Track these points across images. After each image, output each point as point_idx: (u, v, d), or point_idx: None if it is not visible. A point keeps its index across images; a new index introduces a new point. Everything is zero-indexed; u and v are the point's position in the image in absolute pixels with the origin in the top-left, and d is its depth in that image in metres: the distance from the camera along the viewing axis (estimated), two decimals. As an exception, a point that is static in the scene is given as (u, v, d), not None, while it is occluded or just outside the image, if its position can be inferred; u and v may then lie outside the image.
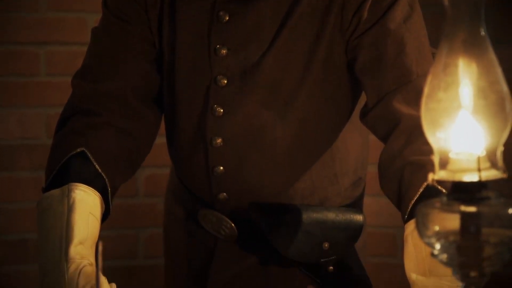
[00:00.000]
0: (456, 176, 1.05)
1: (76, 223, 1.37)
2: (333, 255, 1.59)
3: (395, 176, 1.45)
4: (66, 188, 1.41)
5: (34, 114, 2.93)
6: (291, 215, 1.57)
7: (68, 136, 1.51)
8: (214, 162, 1.57)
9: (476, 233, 1.04)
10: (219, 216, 1.60)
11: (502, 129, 1.04)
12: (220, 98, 1.54)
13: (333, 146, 1.60)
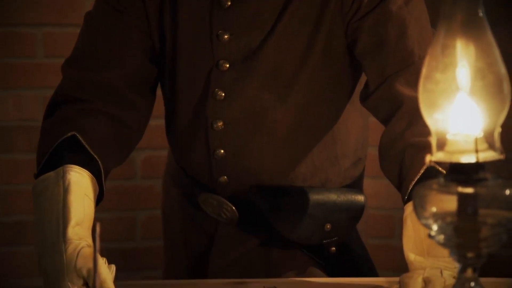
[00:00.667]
0: (453, 158, 1.05)
1: (72, 205, 1.37)
2: (335, 236, 1.59)
3: (396, 157, 1.46)
4: (61, 170, 1.41)
5: (31, 96, 2.92)
6: (293, 197, 1.58)
7: (59, 122, 1.51)
8: (215, 146, 1.58)
9: (473, 214, 1.04)
10: (220, 199, 1.61)
11: (500, 110, 1.04)
12: (221, 82, 1.54)
13: (334, 128, 1.60)
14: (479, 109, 1.04)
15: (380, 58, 1.50)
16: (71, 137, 1.47)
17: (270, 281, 1.45)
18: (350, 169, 1.64)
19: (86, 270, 1.29)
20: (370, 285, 1.40)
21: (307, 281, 1.49)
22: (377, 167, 1.54)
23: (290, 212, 1.57)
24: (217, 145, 1.57)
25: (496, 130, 1.05)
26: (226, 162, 1.58)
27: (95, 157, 1.46)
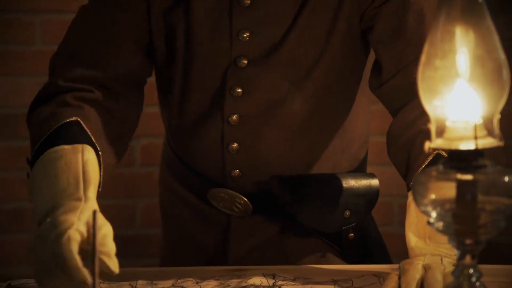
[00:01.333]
0: (452, 144, 1.05)
1: (91, 176, 1.33)
2: (354, 222, 1.60)
3: (406, 144, 1.46)
4: (80, 146, 1.37)
5: (30, 82, 2.92)
6: (316, 186, 1.58)
7: (58, 109, 1.46)
8: (229, 139, 1.57)
9: (472, 201, 1.04)
10: (231, 193, 1.60)
11: (499, 97, 1.04)
12: (239, 78, 1.54)
13: (346, 116, 1.60)
14: (478, 96, 1.04)
15: (397, 46, 1.50)
16: (74, 121, 1.43)
17: (269, 268, 1.45)
18: (357, 152, 1.65)
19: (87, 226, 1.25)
20: (370, 271, 1.41)
21: (306, 267, 1.49)
22: (375, 154, 1.54)
23: (313, 201, 1.57)
24: (231, 138, 1.57)
25: (495, 116, 1.05)
26: (240, 155, 1.57)
27: (97, 145, 1.43)
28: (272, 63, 1.53)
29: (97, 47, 1.53)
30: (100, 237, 1.21)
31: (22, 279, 1.39)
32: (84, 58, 1.52)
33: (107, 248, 1.22)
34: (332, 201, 1.58)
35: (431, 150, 1.07)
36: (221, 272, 1.43)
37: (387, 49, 1.52)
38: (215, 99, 1.56)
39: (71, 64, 1.52)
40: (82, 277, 1.20)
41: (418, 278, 1.26)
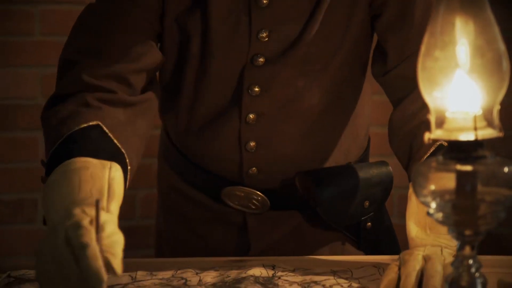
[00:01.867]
0: (452, 135, 1.05)
1: (116, 192, 1.26)
2: (372, 212, 1.61)
3: (408, 135, 1.46)
4: (108, 163, 1.30)
5: (29, 73, 2.92)
6: (341, 179, 1.57)
7: (79, 109, 1.41)
8: (246, 138, 1.56)
9: (472, 192, 1.04)
10: (247, 190, 1.60)
11: (499, 88, 1.04)
12: (256, 77, 1.53)
13: (357, 104, 1.61)
14: (478, 87, 1.04)
15: (403, 35, 1.50)
16: (95, 125, 1.39)
17: (269, 258, 1.45)
18: (363, 140, 1.66)
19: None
20: (370, 262, 1.41)
21: (305, 258, 1.49)
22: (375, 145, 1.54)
23: (339, 194, 1.57)
24: (249, 137, 1.56)
25: (495, 107, 1.05)
26: (258, 153, 1.57)
27: (123, 150, 1.39)
28: (289, 60, 1.52)
29: (115, 42, 1.48)
30: (109, 241, 1.16)
31: (22, 270, 1.39)
32: (97, 54, 1.47)
33: (113, 250, 1.15)
34: (353, 192, 1.57)
35: (431, 141, 1.07)
36: (221, 263, 1.43)
37: (393, 38, 1.52)
38: (232, 99, 1.55)
39: (91, 60, 1.47)
40: (99, 268, 1.11)
41: (418, 269, 1.26)
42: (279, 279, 1.34)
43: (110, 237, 1.16)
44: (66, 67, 1.49)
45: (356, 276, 1.35)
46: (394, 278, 1.28)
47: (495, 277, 1.24)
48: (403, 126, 1.49)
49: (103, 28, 1.49)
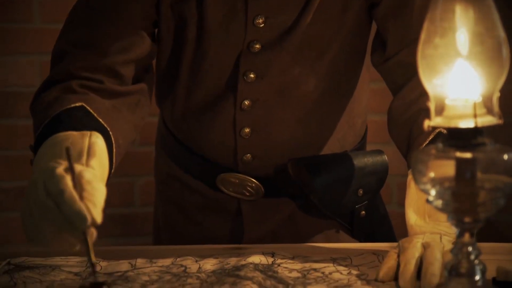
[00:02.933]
0: (452, 123, 1.05)
1: (97, 154, 1.28)
2: (366, 200, 1.61)
3: (408, 122, 1.46)
4: (88, 133, 1.33)
5: (28, 61, 2.92)
6: (335, 167, 1.58)
7: (63, 94, 1.44)
8: (241, 124, 1.57)
9: (471, 179, 1.04)
10: (242, 177, 1.60)
11: (499, 75, 1.04)
12: (253, 64, 1.53)
13: (354, 91, 1.61)
14: (477, 74, 1.04)
15: (403, 22, 1.50)
16: (79, 106, 1.41)
17: (268, 246, 1.45)
18: (360, 128, 1.66)
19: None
20: (369, 249, 1.41)
21: (305, 246, 1.49)
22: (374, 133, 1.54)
23: (332, 182, 1.57)
24: (244, 123, 1.56)
25: (495, 94, 1.05)
26: (252, 139, 1.57)
27: (106, 127, 1.40)
28: (286, 46, 1.52)
29: (107, 33, 1.49)
30: (89, 188, 1.18)
31: (21, 257, 1.40)
32: (90, 46, 1.49)
33: (94, 198, 1.18)
34: (347, 181, 1.58)
35: (431, 129, 1.07)
36: (220, 250, 1.44)
37: (392, 25, 1.52)
38: (228, 85, 1.55)
39: (81, 52, 1.49)
40: (79, 209, 1.15)
41: (417, 256, 1.27)
42: (278, 267, 1.34)
43: (90, 183, 1.19)
44: (57, 58, 1.51)
45: (356, 263, 1.36)
46: (393, 266, 1.28)
47: (494, 264, 1.24)
48: (403, 113, 1.49)
49: (94, 19, 1.50)
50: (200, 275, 1.32)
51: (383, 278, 1.27)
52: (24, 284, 1.29)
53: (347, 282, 1.27)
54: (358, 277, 1.29)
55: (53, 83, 1.47)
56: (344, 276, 1.30)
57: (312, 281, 1.28)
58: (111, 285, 1.25)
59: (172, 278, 1.30)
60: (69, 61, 1.48)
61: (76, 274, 1.34)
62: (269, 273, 1.31)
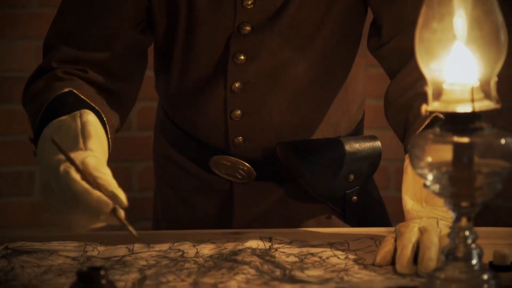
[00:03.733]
0: (449, 107, 1.05)
1: (92, 132, 1.32)
2: (358, 185, 1.61)
3: (404, 106, 1.46)
4: (77, 113, 1.36)
5: (25, 46, 2.91)
6: (323, 152, 1.58)
7: (50, 83, 1.46)
8: (232, 106, 1.57)
9: (469, 164, 1.04)
10: (234, 160, 1.60)
11: (496, 59, 1.04)
12: (242, 45, 1.53)
13: (347, 77, 1.60)
14: (475, 58, 1.04)
15: (397, 7, 1.50)
16: (68, 91, 1.43)
17: (265, 231, 1.46)
18: (356, 114, 1.65)
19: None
20: (366, 234, 1.41)
21: (302, 231, 1.50)
22: (371, 118, 1.54)
23: (318, 166, 1.57)
24: (234, 106, 1.56)
25: (493, 79, 1.05)
26: (243, 122, 1.57)
27: (97, 108, 1.41)
28: (275, 29, 1.52)
29: (92, 27, 1.51)
30: (99, 174, 1.23)
31: (19, 242, 1.40)
32: (78, 40, 1.51)
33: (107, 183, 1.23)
34: (337, 165, 1.58)
35: (428, 113, 1.07)
36: (218, 235, 1.44)
37: (387, 10, 1.51)
38: (218, 67, 1.56)
39: (65, 47, 1.51)
40: (97, 198, 1.20)
41: (414, 241, 1.27)
42: (276, 251, 1.35)
43: (97, 169, 1.23)
44: (44, 50, 1.54)
45: (353, 248, 1.36)
46: (390, 250, 1.29)
47: (491, 249, 1.25)
48: (399, 97, 1.49)
49: (81, 9, 1.52)
50: (197, 259, 1.32)
51: (380, 262, 1.28)
52: (21, 268, 1.30)
53: (344, 266, 1.28)
54: (355, 262, 1.30)
55: (39, 75, 1.49)
56: (341, 261, 1.30)
57: (309, 266, 1.28)
58: (109, 269, 1.25)
59: (169, 263, 1.31)
60: (53, 54, 1.51)
61: (73, 259, 1.34)
62: (267, 257, 1.31)
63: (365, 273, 1.24)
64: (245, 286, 1.19)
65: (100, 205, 1.21)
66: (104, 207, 1.21)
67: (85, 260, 1.34)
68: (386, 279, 1.21)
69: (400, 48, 1.50)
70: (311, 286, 1.18)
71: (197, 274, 1.25)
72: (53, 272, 1.28)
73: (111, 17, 1.51)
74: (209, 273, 1.25)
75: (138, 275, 1.26)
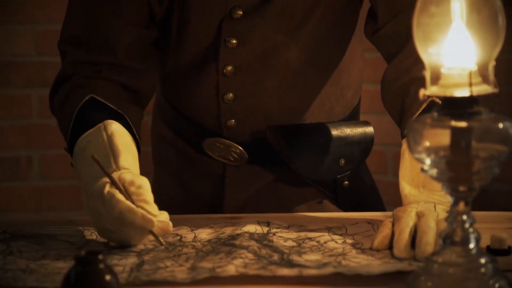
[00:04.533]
0: (447, 91, 1.05)
1: (119, 145, 1.38)
2: (349, 170, 1.61)
3: (401, 91, 1.46)
4: (101, 125, 1.42)
5: (23, 30, 2.90)
6: (312, 135, 1.59)
7: (70, 92, 1.51)
8: (224, 90, 1.57)
9: (466, 148, 1.04)
10: (227, 142, 1.61)
11: (495, 43, 1.04)
12: (234, 30, 1.53)
13: (340, 63, 1.60)
14: (473, 42, 1.04)
15: None
16: (90, 99, 1.48)
17: (263, 216, 1.46)
18: (351, 99, 1.65)
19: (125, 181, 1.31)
20: (364, 218, 1.41)
21: (300, 215, 1.50)
22: (368, 102, 1.54)
23: (308, 150, 1.58)
24: (227, 89, 1.57)
25: (491, 63, 1.05)
26: (235, 105, 1.58)
27: (119, 111, 1.46)
28: (267, 13, 1.52)
29: (97, 30, 1.53)
30: (134, 189, 1.29)
31: (17, 226, 1.40)
32: (87, 44, 1.54)
33: (143, 196, 1.29)
34: (327, 150, 1.58)
35: (426, 97, 1.07)
36: (215, 220, 1.44)
37: None
38: (210, 51, 1.56)
39: (77, 50, 1.55)
40: (142, 216, 1.28)
41: (411, 225, 1.27)
42: (273, 236, 1.35)
43: (132, 183, 1.30)
44: (61, 56, 1.59)
45: (351, 232, 1.36)
46: (388, 234, 1.29)
47: (488, 233, 1.25)
48: (396, 81, 1.49)
49: (85, 16, 1.54)
50: (195, 244, 1.32)
51: (378, 247, 1.28)
52: (20, 253, 1.30)
53: (342, 251, 1.28)
54: (353, 246, 1.30)
55: (60, 83, 1.55)
56: (339, 245, 1.30)
57: (307, 250, 1.28)
58: (107, 254, 1.25)
59: (167, 247, 1.31)
60: (67, 60, 1.56)
61: (71, 243, 1.34)
62: (264, 242, 1.32)
63: (362, 258, 1.24)
64: (243, 270, 1.19)
65: (145, 222, 1.28)
66: (149, 224, 1.29)
67: (83, 244, 1.34)
68: (384, 264, 1.22)
69: (396, 32, 1.50)
70: (309, 270, 1.19)
71: (195, 258, 1.25)
72: (51, 257, 1.28)
73: (115, 19, 1.54)
74: (207, 257, 1.25)
75: (136, 259, 1.26)
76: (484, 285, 1.07)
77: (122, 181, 1.31)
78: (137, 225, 1.28)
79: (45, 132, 2.90)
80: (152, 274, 1.19)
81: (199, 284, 1.16)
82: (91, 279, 1.06)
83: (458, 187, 1.07)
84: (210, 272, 1.18)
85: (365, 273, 1.18)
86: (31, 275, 1.20)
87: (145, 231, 1.29)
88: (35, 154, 2.93)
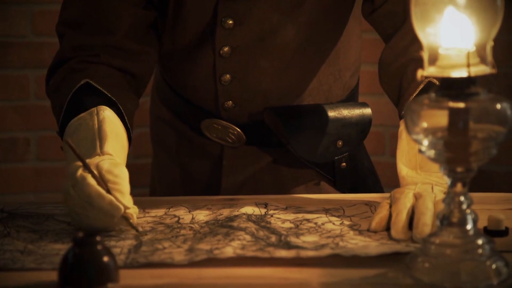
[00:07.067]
0: (445, 72, 1.05)
1: (107, 131, 1.38)
2: (346, 152, 1.62)
3: (398, 72, 1.46)
4: (94, 110, 1.41)
5: (18, 11, 2.89)
6: (309, 116, 1.59)
7: (67, 76, 1.50)
8: (221, 71, 1.57)
9: (464, 129, 1.04)
10: (224, 124, 1.61)
11: (493, 23, 1.04)
12: (230, 10, 1.53)
13: (338, 43, 1.60)
14: (471, 23, 1.04)
15: None
16: (85, 84, 1.46)
17: (261, 197, 1.46)
18: (349, 80, 1.65)
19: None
20: (361, 200, 1.41)
21: (297, 197, 1.50)
22: (366, 83, 1.54)
23: (306, 131, 1.58)
24: (224, 70, 1.57)
25: (489, 44, 1.05)
26: (233, 86, 1.57)
27: (113, 98, 1.45)
28: None
29: (96, 12, 1.52)
30: (111, 177, 1.27)
31: (15, 204, 1.40)
32: (86, 27, 1.53)
33: (118, 186, 1.27)
34: (325, 131, 1.58)
35: (424, 78, 1.07)
36: (213, 201, 1.44)
37: None
38: (207, 31, 1.56)
39: (76, 33, 1.53)
40: (110, 202, 1.25)
41: (409, 206, 1.27)
42: (271, 217, 1.35)
43: (110, 172, 1.27)
44: (59, 39, 1.57)
45: (348, 214, 1.36)
46: (385, 216, 1.29)
47: (486, 214, 1.25)
48: (393, 62, 1.49)
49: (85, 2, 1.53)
50: (193, 225, 1.32)
51: (375, 228, 1.28)
52: (17, 233, 1.30)
53: (340, 232, 1.28)
54: (351, 228, 1.30)
55: (57, 66, 1.53)
56: (336, 227, 1.30)
57: (305, 232, 1.28)
58: (104, 235, 1.25)
59: (165, 229, 1.31)
60: (65, 43, 1.55)
61: (69, 224, 1.34)
62: (262, 223, 1.32)
63: (360, 239, 1.25)
64: (241, 252, 1.19)
65: (112, 208, 1.26)
66: (116, 211, 1.26)
67: (81, 225, 1.34)
68: (381, 245, 1.22)
69: (393, 12, 1.50)
70: (306, 252, 1.19)
71: (192, 240, 1.25)
72: (49, 238, 1.28)
73: (113, 0, 1.52)
74: (204, 239, 1.25)
75: (134, 241, 1.26)
76: (481, 266, 1.07)
77: (100, 168, 1.29)
78: (104, 210, 1.26)
79: (42, 114, 2.89)
80: (150, 256, 1.19)
81: (197, 265, 1.16)
82: (89, 261, 1.06)
83: (455, 168, 1.07)
84: (207, 254, 1.19)
85: (362, 255, 1.18)
86: (29, 256, 1.20)
87: (112, 218, 1.27)
88: (32, 135, 2.93)
